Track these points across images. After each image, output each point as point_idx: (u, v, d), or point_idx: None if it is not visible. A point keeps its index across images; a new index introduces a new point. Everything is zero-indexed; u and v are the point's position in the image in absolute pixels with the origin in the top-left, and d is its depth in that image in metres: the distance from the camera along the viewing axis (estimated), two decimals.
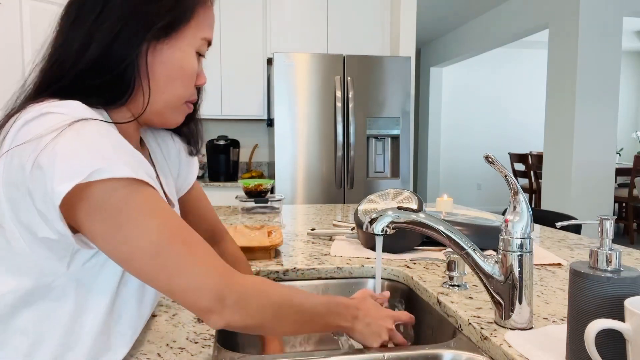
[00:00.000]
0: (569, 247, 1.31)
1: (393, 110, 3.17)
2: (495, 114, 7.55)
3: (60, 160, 0.51)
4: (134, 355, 0.66)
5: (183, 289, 0.56)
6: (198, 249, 0.58)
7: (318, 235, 1.40)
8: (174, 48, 0.64)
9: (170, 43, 0.64)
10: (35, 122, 0.54)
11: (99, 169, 0.52)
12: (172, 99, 0.66)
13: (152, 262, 0.55)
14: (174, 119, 0.69)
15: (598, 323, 0.52)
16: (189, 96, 0.69)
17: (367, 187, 3.17)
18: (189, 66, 0.66)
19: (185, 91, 0.67)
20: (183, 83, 0.66)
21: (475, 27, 5.85)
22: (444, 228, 0.74)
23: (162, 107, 0.66)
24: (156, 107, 0.66)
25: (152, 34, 0.62)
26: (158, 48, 0.63)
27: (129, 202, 0.54)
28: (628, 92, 7.66)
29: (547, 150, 4.41)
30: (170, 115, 0.68)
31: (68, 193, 0.51)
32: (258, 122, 3.84)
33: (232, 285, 0.58)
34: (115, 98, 0.62)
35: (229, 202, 3.21)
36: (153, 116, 0.67)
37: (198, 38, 0.66)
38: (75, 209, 0.54)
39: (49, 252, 0.56)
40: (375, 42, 3.55)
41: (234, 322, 0.59)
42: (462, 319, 0.78)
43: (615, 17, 4.05)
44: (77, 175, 0.51)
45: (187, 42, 0.65)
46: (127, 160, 0.55)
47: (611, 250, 0.57)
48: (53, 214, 0.53)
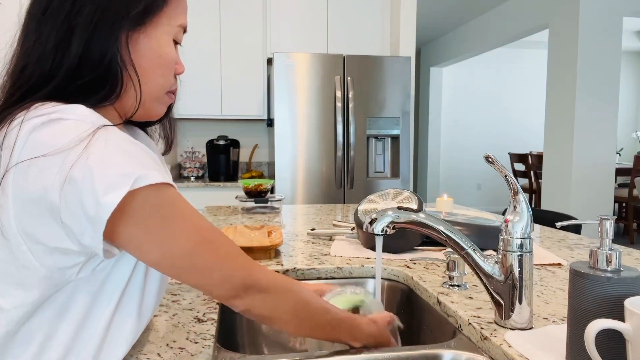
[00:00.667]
0: (569, 247, 1.31)
1: (393, 110, 3.17)
2: (496, 114, 7.55)
3: (97, 172, 0.50)
4: (134, 355, 0.66)
5: (212, 284, 0.60)
6: (224, 247, 0.60)
7: (318, 235, 1.40)
8: (151, 37, 0.63)
9: (147, 32, 0.62)
10: (47, 130, 0.52)
11: (140, 176, 0.52)
12: (154, 90, 0.65)
13: (183, 263, 0.57)
14: (157, 110, 0.68)
15: (598, 323, 0.52)
16: (170, 86, 0.68)
17: (367, 187, 3.17)
18: (167, 54, 0.65)
19: (166, 81, 0.66)
20: (163, 72, 0.65)
21: (475, 27, 5.85)
22: (444, 228, 0.74)
23: (145, 99, 0.65)
24: (138, 99, 0.64)
25: (129, 22, 0.60)
26: (134, 38, 0.61)
27: (162, 207, 0.55)
28: (628, 92, 7.66)
29: (547, 150, 4.41)
30: (153, 106, 0.67)
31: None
32: (258, 122, 3.84)
33: (257, 276, 0.62)
34: (107, 97, 0.61)
35: (229, 202, 3.22)
36: (139, 109, 0.66)
37: (174, 25, 0.65)
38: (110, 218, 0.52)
39: (60, 262, 0.55)
40: (375, 42, 3.55)
41: (254, 309, 0.62)
42: (462, 319, 0.78)
43: (615, 17, 4.05)
44: (122, 185, 0.51)
45: (163, 30, 0.64)
46: (154, 164, 0.55)
47: (611, 250, 0.57)
48: (85, 227, 0.52)
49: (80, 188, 0.50)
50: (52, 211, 0.52)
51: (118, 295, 0.61)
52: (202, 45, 3.39)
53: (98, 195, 0.50)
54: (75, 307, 0.59)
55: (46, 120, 0.53)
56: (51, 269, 0.55)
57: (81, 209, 0.51)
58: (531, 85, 7.55)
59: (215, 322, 0.77)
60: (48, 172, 0.51)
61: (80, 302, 0.59)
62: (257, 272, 0.62)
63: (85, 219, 0.51)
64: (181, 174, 3.59)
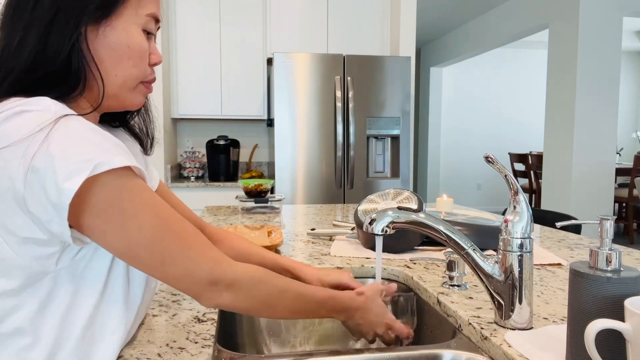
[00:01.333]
0: (569, 247, 1.31)
1: (393, 110, 3.17)
2: (495, 114, 7.55)
3: (58, 160, 0.51)
4: (134, 355, 0.66)
5: (177, 277, 0.59)
6: (189, 237, 0.60)
7: (318, 235, 1.40)
8: (117, 29, 0.63)
9: (112, 24, 0.63)
10: (10, 124, 0.53)
11: (101, 162, 0.52)
12: (126, 80, 0.66)
13: (147, 253, 0.57)
14: (133, 99, 0.69)
15: (598, 323, 0.52)
16: (144, 76, 0.68)
17: (367, 187, 3.17)
18: (136, 44, 0.65)
19: (139, 71, 0.67)
20: (134, 62, 0.65)
21: (475, 27, 5.85)
22: (444, 228, 0.74)
23: (118, 90, 0.66)
24: (112, 91, 0.65)
25: (88, 16, 0.61)
26: (101, 31, 0.62)
27: (123, 195, 0.55)
28: (628, 92, 7.66)
29: (547, 150, 4.41)
30: (127, 96, 0.67)
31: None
32: (258, 122, 3.84)
33: (224, 271, 0.62)
34: (69, 90, 0.62)
35: (229, 202, 3.22)
36: (111, 100, 0.66)
37: (141, 15, 0.65)
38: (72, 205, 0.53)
39: (36, 251, 0.56)
40: (375, 42, 3.55)
41: (225, 304, 0.63)
42: (462, 319, 0.78)
43: (615, 17, 4.05)
44: (82, 170, 0.51)
45: (129, 21, 0.64)
46: (119, 150, 0.56)
47: (611, 250, 0.57)
48: (51, 215, 0.53)
49: (43, 176, 0.51)
50: (18, 201, 0.53)
51: (101, 284, 0.61)
52: (202, 45, 3.39)
53: (59, 182, 0.51)
54: (59, 297, 0.59)
55: (10, 114, 0.54)
56: (28, 259, 0.56)
57: (45, 196, 0.52)
58: (531, 85, 7.56)
59: (215, 322, 0.77)
60: (12, 162, 0.52)
61: (63, 293, 0.59)
62: (223, 266, 0.62)
63: (51, 207, 0.52)
64: (181, 174, 3.59)
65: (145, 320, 0.78)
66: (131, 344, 0.69)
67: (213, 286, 0.61)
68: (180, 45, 3.36)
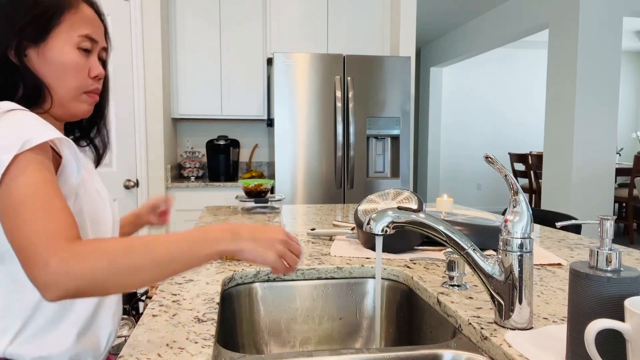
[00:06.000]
0: (569, 247, 1.31)
1: (393, 110, 3.17)
2: (495, 113, 7.56)
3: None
4: (134, 356, 0.66)
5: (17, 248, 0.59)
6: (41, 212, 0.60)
7: (318, 235, 1.40)
8: (53, 49, 0.76)
9: (49, 45, 0.76)
10: None
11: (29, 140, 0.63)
12: (68, 91, 0.78)
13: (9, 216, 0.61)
14: (79, 108, 0.81)
15: (598, 323, 0.52)
16: (85, 87, 0.80)
17: (367, 187, 3.17)
18: (69, 61, 0.77)
19: (79, 83, 0.79)
20: (73, 76, 0.78)
21: (475, 27, 5.85)
22: (444, 228, 0.74)
23: (63, 99, 0.78)
24: (58, 100, 0.78)
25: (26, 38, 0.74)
26: (40, 52, 0.76)
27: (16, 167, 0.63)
28: (628, 92, 7.66)
29: (547, 150, 4.41)
30: (72, 105, 0.80)
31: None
32: (258, 122, 3.84)
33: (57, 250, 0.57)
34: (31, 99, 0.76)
35: (229, 202, 3.21)
36: (59, 109, 0.79)
37: (74, 36, 0.78)
38: None
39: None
40: (375, 42, 3.55)
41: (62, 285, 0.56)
42: (462, 319, 0.78)
43: (615, 17, 4.05)
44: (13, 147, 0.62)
45: (63, 41, 0.77)
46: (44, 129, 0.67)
47: (611, 250, 0.57)
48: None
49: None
50: None
51: None
52: (202, 45, 3.39)
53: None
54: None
55: None
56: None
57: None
58: (531, 85, 7.56)
59: (215, 322, 0.77)
60: None
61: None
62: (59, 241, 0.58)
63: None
64: (181, 174, 3.59)
65: (145, 320, 0.78)
66: (131, 344, 0.69)
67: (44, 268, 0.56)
68: (180, 45, 3.36)
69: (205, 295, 0.90)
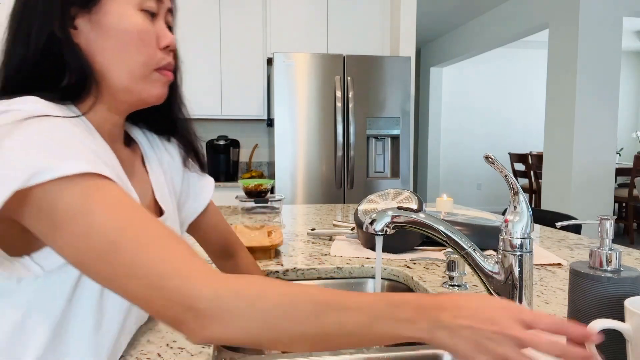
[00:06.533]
0: (569, 247, 1.31)
1: (393, 110, 3.17)
2: (496, 114, 7.56)
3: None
4: (134, 355, 0.66)
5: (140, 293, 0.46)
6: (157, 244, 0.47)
7: (318, 235, 1.40)
8: (109, 13, 0.57)
9: (103, 9, 0.57)
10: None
11: (39, 172, 0.45)
12: (133, 68, 0.59)
13: (102, 262, 0.46)
14: (149, 91, 0.61)
15: (598, 323, 0.52)
16: (155, 62, 0.61)
17: (367, 187, 3.17)
18: (133, 27, 0.58)
19: (147, 56, 0.59)
20: (137, 48, 0.58)
21: (475, 27, 5.85)
22: (444, 228, 0.74)
23: (128, 82, 0.59)
24: (121, 84, 0.59)
25: (76, 6, 0.56)
26: (93, 19, 0.56)
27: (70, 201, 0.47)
28: (628, 92, 7.66)
29: (547, 150, 4.41)
30: (141, 88, 0.60)
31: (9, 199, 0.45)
32: (258, 122, 3.84)
33: (203, 288, 0.45)
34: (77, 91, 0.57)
35: (229, 202, 3.21)
36: (125, 95, 0.60)
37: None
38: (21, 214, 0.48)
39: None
40: (375, 42, 3.55)
41: (214, 336, 0.45)
42: None
43: (615, 17, 4.05)
44: (13, 180, 0.44)
45: (122, 2, 0.58)
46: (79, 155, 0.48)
47: (611, 250, 0.57)
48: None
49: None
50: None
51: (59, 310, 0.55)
52: (202, 45, 3.39)
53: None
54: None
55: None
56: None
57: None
58: (531, 85, 7.56)
59: None
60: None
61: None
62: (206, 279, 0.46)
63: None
64: None
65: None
66: (131, 344, 0.69)
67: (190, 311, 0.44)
68: (180, 44, 3.36)
69: None
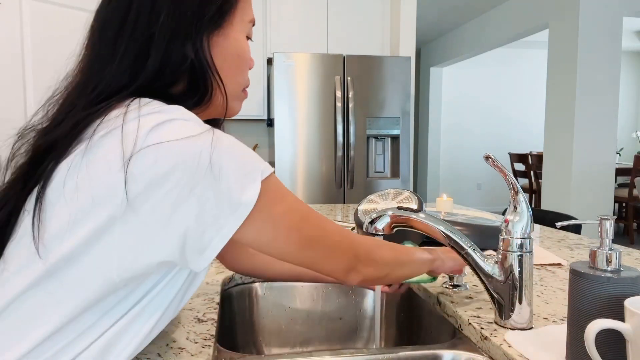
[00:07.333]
0: (569, 247, 1.31)
1: (393, 110, 3.17)
2: (496, 113, 7.56)
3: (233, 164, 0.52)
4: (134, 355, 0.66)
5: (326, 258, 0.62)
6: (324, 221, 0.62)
7: None
8: (228, 37, 0.63)
9: (224, 33, 0.62)
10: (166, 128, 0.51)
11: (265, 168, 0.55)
12: (235, 88, 0.66)
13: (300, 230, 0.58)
14: (236, 108, 0.69)
15: (598, 323, 0.52)
16: (245, 82, 0.68)
17: (367, 187, 3.17)
18: (245, 53, 0.65)
19: (243, 78, 0.67)
20: (242, 71, 0.66)
21: (475, 27, 5.85)
22: (444, 228, 0.74)
23: (229, 99, 0.65)
24: (223, 100, 0.65)
25: (206, 25, 0.60)
26: (214, 41, 0.61)
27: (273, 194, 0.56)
28: (628, 92, 7.66)
29: (547, 150, 4.41)
30: (234, 105, 0.68)
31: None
32: (258, 122, 3.84)
33: (359, 244, 0.65)
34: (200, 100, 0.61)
35: None
36: (218, 110, 0.66)
37: (246, 22, 0.65)
38: None
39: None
40: (375, 42, 3.55)
41: (369, 275, 0.66)
42: (462, 319, 0.78)
43: (615, 17, 4.06)
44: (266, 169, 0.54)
45: (238, 29, 0.64)
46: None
47: (611, 250, 0.57)
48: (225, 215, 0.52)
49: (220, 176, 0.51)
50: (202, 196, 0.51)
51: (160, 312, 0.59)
52: None
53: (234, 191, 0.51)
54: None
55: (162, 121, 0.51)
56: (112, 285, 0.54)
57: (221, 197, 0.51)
58: (531, 85, 7.55)
59: (215, 322, 0.77)
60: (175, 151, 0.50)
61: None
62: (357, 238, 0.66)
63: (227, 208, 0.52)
64: None
65: None
66: None
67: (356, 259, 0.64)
68: None
69: (205, 295, 0.90)
